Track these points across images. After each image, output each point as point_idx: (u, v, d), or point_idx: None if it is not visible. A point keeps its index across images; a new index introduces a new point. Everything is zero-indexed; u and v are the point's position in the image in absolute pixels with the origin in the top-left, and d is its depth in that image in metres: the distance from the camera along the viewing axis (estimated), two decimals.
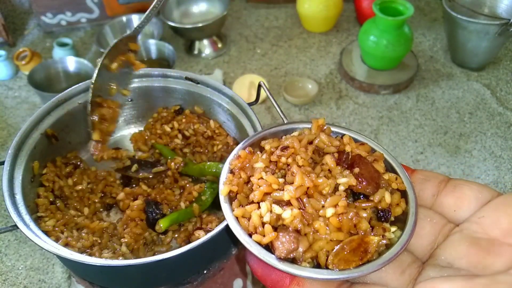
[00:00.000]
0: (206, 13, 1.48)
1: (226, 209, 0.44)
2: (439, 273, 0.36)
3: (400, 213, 0.43)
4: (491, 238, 0.37)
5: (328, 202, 0.41)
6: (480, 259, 0.36)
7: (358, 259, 0.39)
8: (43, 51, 1.47)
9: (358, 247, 0.39)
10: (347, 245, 0.39)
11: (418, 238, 0.41)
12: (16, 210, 0.59)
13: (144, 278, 0.62)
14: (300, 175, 0.42)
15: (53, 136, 0.72)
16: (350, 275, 0.38)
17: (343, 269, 0.38)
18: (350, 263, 0.39)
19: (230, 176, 0.46)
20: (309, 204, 0.41)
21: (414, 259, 0.40)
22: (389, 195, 0.43)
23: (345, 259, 0.39)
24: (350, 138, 0.47)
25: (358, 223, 0.41)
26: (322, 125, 0.48)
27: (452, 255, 0.37)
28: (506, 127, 1.23)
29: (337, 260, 0.39)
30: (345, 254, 0.39)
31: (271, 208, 0.42)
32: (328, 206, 0.41)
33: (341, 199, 0.41)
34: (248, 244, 0.41)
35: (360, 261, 0.39)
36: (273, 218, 0.41)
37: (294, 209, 0.41)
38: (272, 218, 0.41)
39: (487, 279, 0.33)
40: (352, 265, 0.38)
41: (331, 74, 1.39)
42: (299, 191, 0.41)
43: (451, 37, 1.36)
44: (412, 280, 0.38)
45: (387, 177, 0.44)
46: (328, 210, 0.40)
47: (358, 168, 0.43)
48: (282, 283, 0.40)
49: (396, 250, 0.39)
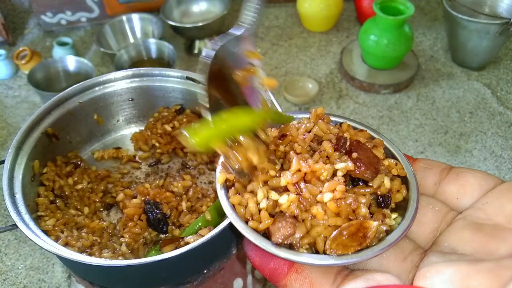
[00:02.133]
0: (207, 12, 1.48)
1: (222, 196, 0.43)
2: (443, 258, 0.36)
3: (401, 199, 0.42)
4: (495, 224, 0.36)
5: (326, 187, 0.40)
6: (485, 244, 0.35)
7: (356, 244, 0.38)
8: (43, 51, 1.46)
9: (356, 232, 0.38)
10: (346, 230, 0.38)
11: (420, 225, 0.40)
12: (16, 210, 0.59)
13: (144, 278, 0.62)
14: (297, 160, 0.41)
15: (54, 135, 0.72)
16: (349, 261, 0.37)
17: (342, 254, 0.38)
18: (348, 248, 0.38)
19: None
20: (306, 189, 0.40)
21: (416, 247, 0.40)
22: (389, 180, 0.42)
23: (344, 244, 0.38)
24: (349, 125, 0.47)
25: (357, 209, 0.40)
26: (321, 114, 0.47)
27: (456, 241, 0.37)
28: (506, 127, 1.23)
29: (335, 245, 0.38)
30: (344, 239, 0.38)
31: (267, 194, 0.41)
32: (325, 191, 0.40)
33: (339, 184, 0.40)
34: (245, 230, 0.40)
35: (359, 247, 0.38)
36: (270, 204, 0.41)
37: (291, 194, 0.40)
38: (269, 204, 0.40)
39: (492, 263, 0.33)
40: (351, 250, 0.38)
41: (331, 73, 1.39)
42: (296, 177, 0.41)
43: (452, 36, 1.36)
44: (414, 267, 0.38)
45: (387, 163, 0.44)
46: (326, 195, 0.39)
47: (356, 153, 0.42)
48: (280, 271, 0.40)
49: (397, 235, 0.39)
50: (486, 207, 0.38)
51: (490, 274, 0.32)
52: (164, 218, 0.67)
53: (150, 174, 0.78)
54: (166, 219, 0.67)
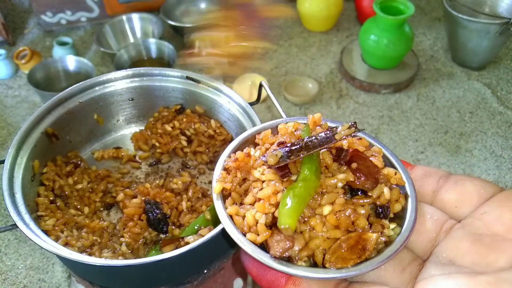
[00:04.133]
0: (206, 11, 1.48)
1: (219, 207, 0.42)
2: (441, 270, 0.35)
3: (400, 209, 0.42)
4: (494, 234, 0.36)
5: (325, 199, 0.39)
6: (483, 256, 0.35)
7: (356, 257, 0.37)
8: (43, 50, 1.46)
9: (356, 245, 0.38)
10: (345, 242, 0.38)
11: (418, 235, 0.40)
12: (15, 209, 0.59)
13: (144, 278, 0.62)
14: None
15: (54, 135, 0.72)
16: (348, 274, 0.37)
17: (341, 267, 0.37)
18: (347, 261, 0.37)
19: (223, 173, 0.44)
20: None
21: (415, 257, 0.39)
22: (388, 190, 0.41)
23: (343, 257, 0.37)
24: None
25: (356, 220, 0.39)
26: (318, 120, 0.47)
27: (454, 252, 0.36)
28: (506, 127, 1.23)
29: (334, 258, 0.37)
30: (343, 252, 0.38)
31: (265, 210, 0.40)
32: (325, 204, 0.39)
33: (338, 197, 0.40)
34: (242, 243, 0.39)
35: (358, 259, 0.37)
36: (269, 217, 0.40)
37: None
38: (268, 219, 0.40)
39: (491, 276, 0.32)
40: (350, 263, 0.37)
41: (331, 73, 1.39)
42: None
43: (452, 36, 1.36)
44: (412, 278, 0.37)
45: (386, 172, 0.43)
46: (325, 208, 0.39)
47: (355, 163, 0.42)
48: (277, 283, 0.39)
49: (396, 247, 0.38)
50: (485, 216, 0.37)
51: (489, 287, 0.32)
52: (164, 218, 0.67)
53: (150, 174, 0.78)
54: (166, 219, 0.67)
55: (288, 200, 0.38)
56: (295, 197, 0.38)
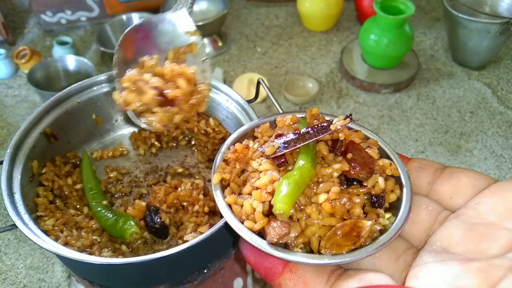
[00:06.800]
0: (206, 11, 1.48)
1: (218, 196, 0.44)
2: (435, 258, 0.36)
3: (395, 199, 0.42)
4: (487, 223, 0.36)
5: (320, 188, 0.41)
6: (477, 244, 0.35)
7: (350, 244, 0.38)
8: (43, 50, 1.46)
9: (350, 232, 0.39)
10: (340, 229, 0.39)
11: (413, 225, 0.41)
12: (14, 209, 0.59)
13: (143, 277, 0.62)
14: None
15: (52, 135, 0.71)
16: (343, 260, 0.38)
17: (336, 253, 0.38)
18: (342, 247, 0.38)
19: (222, 164, 0.46)
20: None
21: (409, 246, 0.40)
22: (383, 180, 0.42)
23: (338, 244, 0.38)
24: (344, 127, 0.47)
25: (351, 209, 0.40)
26: (316, 114, 0.47)
27: (448, 241, 0.37)
28: (507, 126, 1.23)
29: (329, 245, 0.38)
30: (338, 238, 0.38)
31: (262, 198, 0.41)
32: (320, 192, 0.40)
33: (334, 185, 0.41)
34: (240, 230, 0.40)
35: (353, 246, 0.38)
36: (266, 205, 0.41)
37: None
38: (265, 207, 0.41)
39: (482, 262, 0.33)
40: (345, 250, 0.38)
41: (331, 73, 1.39)
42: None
43: (452, 36, 1.36)
44: (406, 266, 0.38)
45: (381, 163, 0.44)
46: (321, 196, 0.40)
47: (351, 154, 0.43)
48: (275, 270, 0.40)
49: (390, 235, 0.39)
50: (479, 206, 0.38)
51: (481, 273, 0.32)
52: (163, 228, 0.66)
53: (149, 173, 0.78)
54: (165, 228, 0.66)
55: (283, 187, 0.39)
56: (290, 184, 0.39)
